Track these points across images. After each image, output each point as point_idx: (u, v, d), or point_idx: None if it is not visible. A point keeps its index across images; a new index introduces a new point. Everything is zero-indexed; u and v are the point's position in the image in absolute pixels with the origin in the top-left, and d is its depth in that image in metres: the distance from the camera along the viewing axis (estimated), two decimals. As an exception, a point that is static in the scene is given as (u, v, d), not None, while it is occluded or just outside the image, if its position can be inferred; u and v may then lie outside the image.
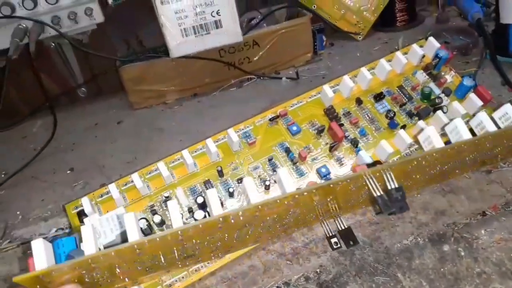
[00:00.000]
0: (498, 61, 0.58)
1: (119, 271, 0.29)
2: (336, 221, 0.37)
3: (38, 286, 0.27)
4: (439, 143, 0.37)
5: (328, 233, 0.37)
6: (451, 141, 0.37)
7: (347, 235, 0.37)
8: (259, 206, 0.29)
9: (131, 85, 0.67)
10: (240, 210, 0.29)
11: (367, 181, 0.31)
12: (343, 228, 0.37)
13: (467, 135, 0.36)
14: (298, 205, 0.31)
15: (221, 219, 0.29)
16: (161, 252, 0.29)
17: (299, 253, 0.38)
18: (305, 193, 0.30)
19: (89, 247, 0.29)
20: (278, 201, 0.29)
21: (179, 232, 0.28)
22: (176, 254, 0.31)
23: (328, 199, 0.34)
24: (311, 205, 0.32)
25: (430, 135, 0.37)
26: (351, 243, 0.36)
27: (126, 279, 0.31)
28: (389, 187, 0.31)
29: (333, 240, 0.37)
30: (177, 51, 0.61)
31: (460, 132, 0.37)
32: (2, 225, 0.49)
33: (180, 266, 0.32)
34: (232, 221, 0.29)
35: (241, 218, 0.29)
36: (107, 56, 0.68)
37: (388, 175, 0.31)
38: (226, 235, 0.31)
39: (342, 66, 0.71)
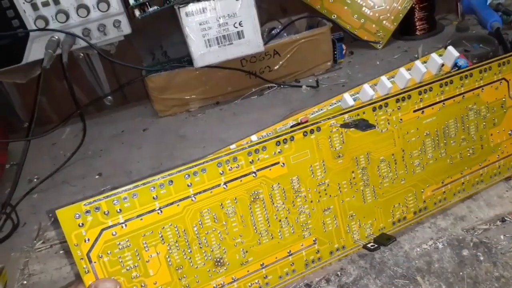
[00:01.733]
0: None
1: (149, 257, 0.31)
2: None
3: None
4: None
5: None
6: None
7: (380, 236, 0.38)
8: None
9: (156, 94, 0.70)
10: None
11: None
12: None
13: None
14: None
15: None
16: (183, 226, 0.32)
17: (320, 256, 0.39)
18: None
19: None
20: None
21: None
22: (202, 247, 0.33)
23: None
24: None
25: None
26: (389, 240, 0.37)
27: (160, 287, 0.32)
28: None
29: (369, 244, 0.37)
30: (201, 61, 0.63)
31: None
32: (36, 227, 0.52)
33: (210, 276, 0.34)
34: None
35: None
36: (133, 66, 0.71)
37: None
38: (242, 219, 0.34)
39: (362, 75, 0.72)
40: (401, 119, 0.38)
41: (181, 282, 0.33)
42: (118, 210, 0.30)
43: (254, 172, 0.34)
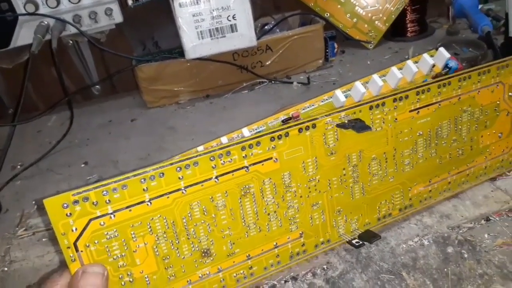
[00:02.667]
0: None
1: (137, 247, 0.31)
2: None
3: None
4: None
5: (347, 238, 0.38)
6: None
7: (366, 233, 0.38)
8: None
9: (146, 85, 0.69)
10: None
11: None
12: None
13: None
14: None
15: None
16: (172, 218, 0.32)
17: (307, 250, 0.39)
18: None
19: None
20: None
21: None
22: (189, 238, 0.33)
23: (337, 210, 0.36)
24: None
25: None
26: (374, 238, 0.37)
27: (145, 276, 0.32)
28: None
29: (354, 240, 0.38)
30: (193, 52, 0.63)
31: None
32: (18, 214, 0.51)
33: (196, 266, 0.33)
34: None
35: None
36: (124, 55, 0.70)
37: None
38: (232, 217, 0.33)
39: (352, 73, 0.73)
40: (396, 119, 0.39)
41: (167, 272, 0.33)
42: (107, 201, 0.30)
43: (247, 167, 0.34)
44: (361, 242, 0.37)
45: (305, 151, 0.35)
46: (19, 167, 0.61)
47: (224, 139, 0.43)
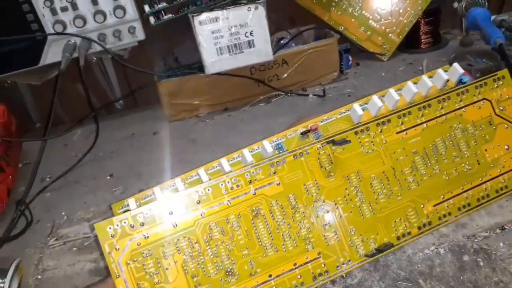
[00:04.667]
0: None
1: (168, 265, 0.34)
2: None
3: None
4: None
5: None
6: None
7: (381, 246, 0.39)
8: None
9: (168, 99, 0.72)
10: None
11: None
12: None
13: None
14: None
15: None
16: (195, 238, 0.35)
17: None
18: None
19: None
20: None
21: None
22: (216, 265, 0.35)
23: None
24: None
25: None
26: (388, 246, 0.39)
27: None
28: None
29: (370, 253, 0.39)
30: (212, 68, 0.65)
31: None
32: (49, 224, 0.53)
33: (223, 286, 0.36)
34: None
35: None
36: (146, 71, 0.72)
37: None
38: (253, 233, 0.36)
39: (367, 85, 0.74)
40: (385, 141, 0.41)
41: None
42: (141, 224, 0.35)
43: (253, 191, 0.38)
44: (375, 252, 0.39)
45: (303, 174, 0.39)
46: (48, 179, 0.64)
47: (246, 152, 0.45)
